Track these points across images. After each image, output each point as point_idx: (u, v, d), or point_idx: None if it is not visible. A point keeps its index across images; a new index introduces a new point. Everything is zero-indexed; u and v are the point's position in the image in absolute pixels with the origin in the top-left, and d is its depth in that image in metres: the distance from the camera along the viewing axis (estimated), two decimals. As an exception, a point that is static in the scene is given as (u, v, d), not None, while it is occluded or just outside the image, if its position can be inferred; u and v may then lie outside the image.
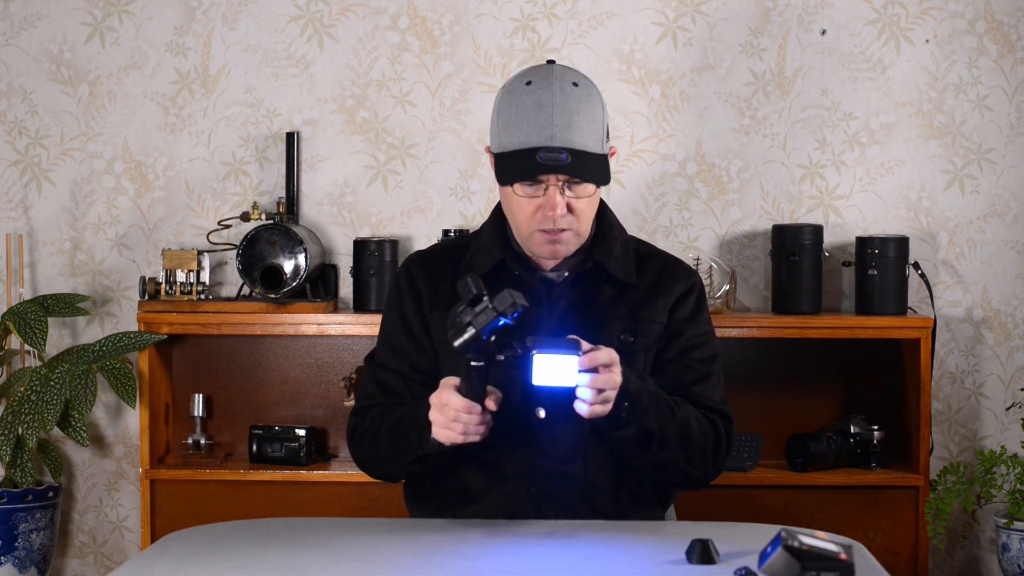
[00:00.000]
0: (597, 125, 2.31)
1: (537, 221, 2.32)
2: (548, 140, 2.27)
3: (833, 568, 1.78)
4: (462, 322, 2.11)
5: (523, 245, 2.39)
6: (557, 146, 2.27)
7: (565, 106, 2.28)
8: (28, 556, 3.56)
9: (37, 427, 3.46)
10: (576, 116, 2.29)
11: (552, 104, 2.28)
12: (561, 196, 2.29)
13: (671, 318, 2.42)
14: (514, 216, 2.36)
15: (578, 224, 2.33)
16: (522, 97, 2.30)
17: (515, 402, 2.32)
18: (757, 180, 3.68)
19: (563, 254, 2.36)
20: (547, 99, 2.29)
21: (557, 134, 2.27)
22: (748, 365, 3.65)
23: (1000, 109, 3.66)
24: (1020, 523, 3.41)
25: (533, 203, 2.31)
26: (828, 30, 3.66)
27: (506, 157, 2.31)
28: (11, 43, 3.73)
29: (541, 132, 2.27)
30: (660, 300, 2.42)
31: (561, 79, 2.31)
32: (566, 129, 2.27)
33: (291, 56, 3.70)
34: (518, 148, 2.29)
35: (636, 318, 2.39)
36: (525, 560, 2.04)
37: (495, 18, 3.69)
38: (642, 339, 2.39)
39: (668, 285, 2.43)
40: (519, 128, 2.29)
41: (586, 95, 2.31)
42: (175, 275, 3.57)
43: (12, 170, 3.75)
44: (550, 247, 2.34)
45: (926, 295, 3.64)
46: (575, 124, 2.28)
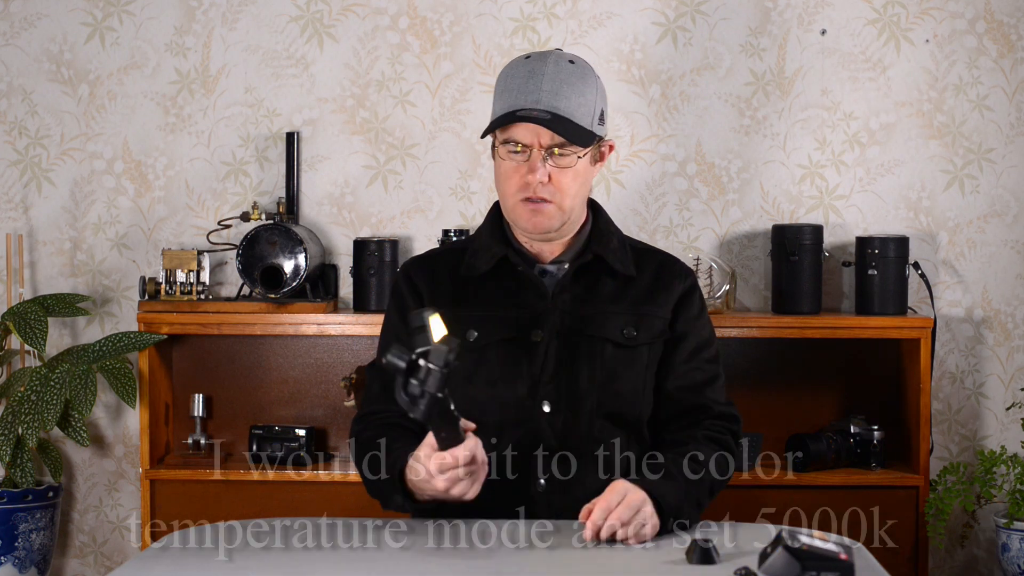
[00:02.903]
0: (587, 101, 2.34)
1: (520, 189, 2.35)
2: (534, 103, 2.31)
3: (833, 568, 1.78)
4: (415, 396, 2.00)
5: (509, 219, 2.42)
6: (542, 108, 2.31)
7: (556, 76, 2.32)
8: (28, 556, 3.56)
9: (37, 427, 3.46)
10: (565, 86, 2.32)
11: (544, 72, 2.33)
12: (543, 164, 2.32)
13: (677, 318, 2.44)
14: (501, 187, 2.39)
15: (561, 197, 2.35)
16: (518, 68, 2.36)
17: (520, 397, 2.33)
18: (757, 180, 3.68)
19: (544, 227, 2.37)
20: (540, 68, 2.33)
21: (543, 98, 2.31)
22: (748, 365, 3.65)
23: (1000, 109, 3.66)
24: (1020, 523, 3.41)
25: (518, 171, 2.34)
26: (828, 30, 3.66)
27: (494, 120, 2.35)
28: (11, 43, 3.73)
29: (528, 96, 2.32)
30: (661, 295, 2.43)
31: (559, 56, 2.36)
32: (553, 95, 2.31)
33: (291, 56, 3.70)
34: (506, 110, 2.33)
35: (638, 312, 2.41)
36: (525, 560, 2.04)
37: (495, 18, 3.69)
38: (644, 333, 2.40)
39: (668, 281, 2.45)
40: (509, 93, 2.34)
41: (581, 72, 2.35)
42: (175, 275, 3.57)
43: (12, 170, 3.75)
44: (531, 217, 2.36)
45: (926, 295, 3.64)
46: (563, 93, 2.32)
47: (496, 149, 2.39)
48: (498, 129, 2.35)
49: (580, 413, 2.35)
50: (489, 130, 2.36)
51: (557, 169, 2.33)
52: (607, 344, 2.38)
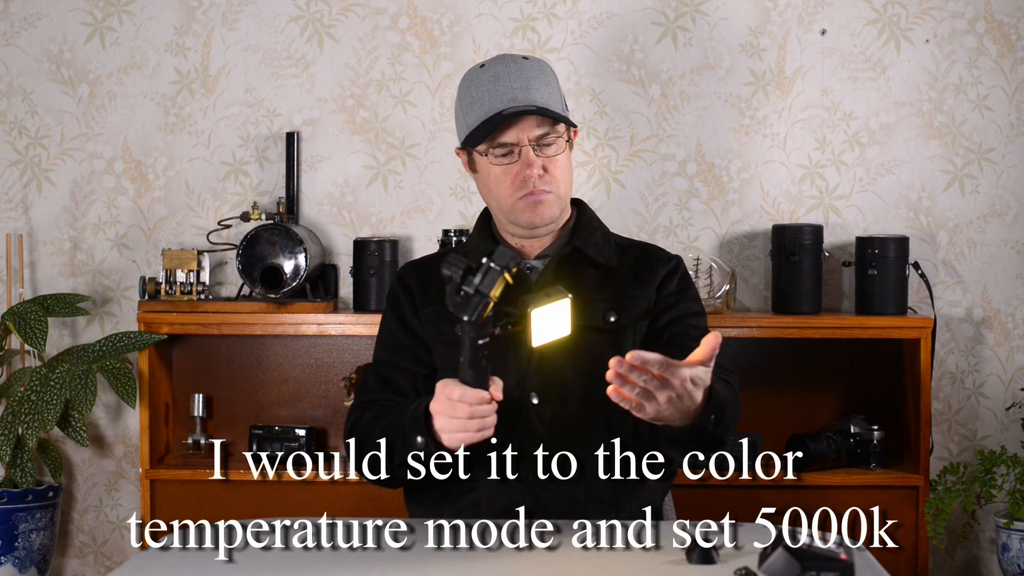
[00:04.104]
0: (554, 91, 2.41)
1: (517, 188, 2.38)
2: (511, 102, 2.36)
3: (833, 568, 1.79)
4: (468, 295, 2.06)
5: (508, 219, 2.43)
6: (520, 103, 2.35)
7: (520, 73, 2.38)
8: (28, 556, 3.56)
9: (37, 427, 3.46)
10: (532, 80, 2.38)
11: (508, 74, 2.37)
12: (536, 158, 2.36)
13: (659, 294, 2.46)
14: (494, 194, 2.41)
15: (557, 186, 2.39)
16: (479, 77, 2.40)
17: (510, 389, 2.34)
18: (757, 180, 3.68)
19: (548, 217, 2.40)
20: (502, 71, 2.38)
21: (518, 95, 2.36)
22: (748, 365, 3.65)
23: (1000, 109, 3.66)
24: (1020, 523, 3.41)
25: (510, 173, 2.37)
26: (828, 30, 3.66)
27: (474, 131, 2.38)
28: (11, 43, 3.73)
29: (503, 97, 2.36)
30: (644, 278, 2.47)
31: (512, 57, 2.41)
32: (526, 91, 2.36)
33: (291, 56, 3.70)
34: (484, 118, 2.37)
35: (620, 297, 2.43)
36: (525, 560, 2.04)
37: (495, 18, 3.69)
38: (626, 315, 2.43)
39: (651, 266, 2.49)
40: (481, 102, 2.37)
41: (539, 66, 2.42)
42: (175, 275, 3.57)
43: (12, 170, 3.75)
44: (534, 209, 2.39)
45: (926, 295, 3.64)
46: (533, 86, 2.37)
47: (477, 162, 2.42)
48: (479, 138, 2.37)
49: (568, 403, 2.37)
50: (478, 137, 2.37)
51: (549, 160, 2.38)
52: (590, 332, 2.39)
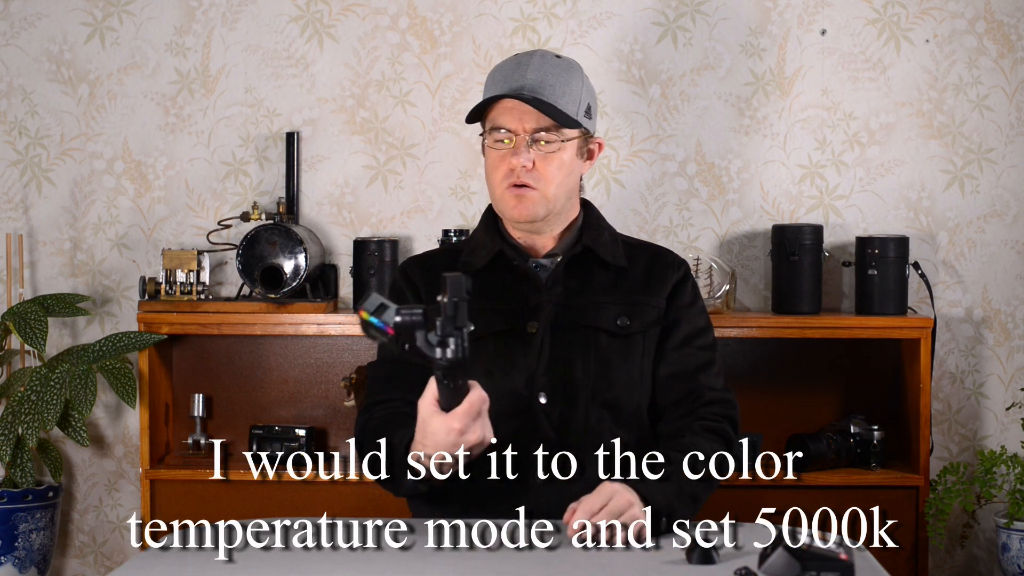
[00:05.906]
0: (572, 91, 2.39)
1: (505, 176, 2.39)
2: (518, 90, 2.36)
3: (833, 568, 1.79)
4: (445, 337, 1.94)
5: (497, 210, 2.46)
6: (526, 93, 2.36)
7: (542, 67, 2.38)
8: (28, 556, 3.56)
9: (37, 427, 3.46)
10: (550, 76, 2.37)
11: (530, 63, 2.38)
12: (527, 149, 2.36)
13: (670, 305, 2.46)
14: (489, 179, 2.43)
15: (544, 185, 2.39)
16: (506, 63, 2.42)
17: (517, 387, 2.34)
18: (757, 180, 3.68)
19: (529, 214, 2.40)
20: (526, 60, 2.39)
21: (528, 85, 2.36)
22: (748, 365, 3.65)
23: (1000, 109, 3.66)
24: (1020, 523, 3.41)
25: (504, 160, 2.38)
26: (828, 30, 3.66)
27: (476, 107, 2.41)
28: (11, 43, 3.73)
29: (513, 83, 2.37)
30: (655, 285, 2.46)
31: (546, 52, 2.41)
32: (538, 83, 2.36)
33: (291, 56, 3.70)
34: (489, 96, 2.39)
35: (632, 302, 2.43)
36: (525, 560, 2.04)
37: (495, 18, 3.69)
38: (638, 321, 2.42)
39: (662, 271, 2.48)
40: (495, 84, 2.39)
41: (566, 65, 2.41)
42: (175, 275, 3.57)
43: (12, 170, 3.75)
44: (516, 203, 2.39)
45: (926, 295, 3.64)
46: (547, 81, 2.37)
47: (484, 145, 2.44)
48: (486, 118, 2.39)
49: (576, 403, 2.37)
50: (473, 114, 2.40)
51: (541, 156, 2.38)
52: (601, 334, 2.39)
